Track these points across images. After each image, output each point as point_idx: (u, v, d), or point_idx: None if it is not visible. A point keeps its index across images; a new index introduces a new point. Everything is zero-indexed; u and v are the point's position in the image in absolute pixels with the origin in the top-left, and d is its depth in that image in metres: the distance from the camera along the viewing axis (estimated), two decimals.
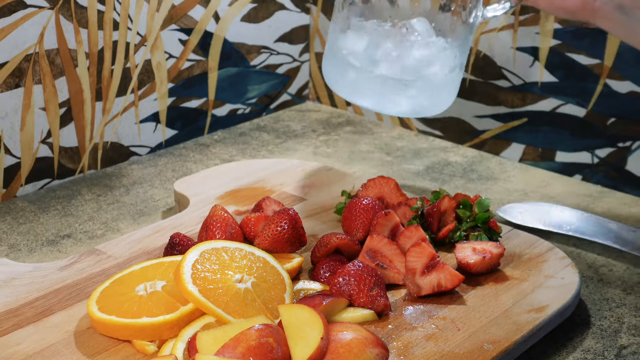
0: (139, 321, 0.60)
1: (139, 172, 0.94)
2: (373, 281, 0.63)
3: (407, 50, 0.70)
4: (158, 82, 0.98)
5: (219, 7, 1.01)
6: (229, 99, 1.06)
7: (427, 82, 0.71)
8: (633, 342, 0.65)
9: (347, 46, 0.72)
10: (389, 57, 0.70)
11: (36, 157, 0.89)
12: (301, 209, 0.79)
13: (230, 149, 1.00)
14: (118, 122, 0.95)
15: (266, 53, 1.08)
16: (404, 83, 0.70)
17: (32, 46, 0.85)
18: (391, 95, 0.71)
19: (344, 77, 0.73)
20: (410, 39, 0.70)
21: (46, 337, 0.62)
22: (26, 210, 0.85)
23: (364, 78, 0.71)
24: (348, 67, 0.72)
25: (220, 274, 0.63)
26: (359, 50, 0.71)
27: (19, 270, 0.69)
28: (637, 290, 0.71)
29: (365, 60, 0.71)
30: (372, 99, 0.72)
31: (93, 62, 0.91)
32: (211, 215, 0.71)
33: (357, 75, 0.72)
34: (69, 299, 0.66)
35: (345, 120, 1.09)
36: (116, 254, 0.72)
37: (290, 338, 0.57)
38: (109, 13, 0.91)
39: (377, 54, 0.71)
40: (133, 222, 0.83)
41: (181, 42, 0.98)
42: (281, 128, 1.07)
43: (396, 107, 0.72)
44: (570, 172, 0.93)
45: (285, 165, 0.89)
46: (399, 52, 0.70)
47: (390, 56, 0.70)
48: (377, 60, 0.71)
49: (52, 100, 0.88)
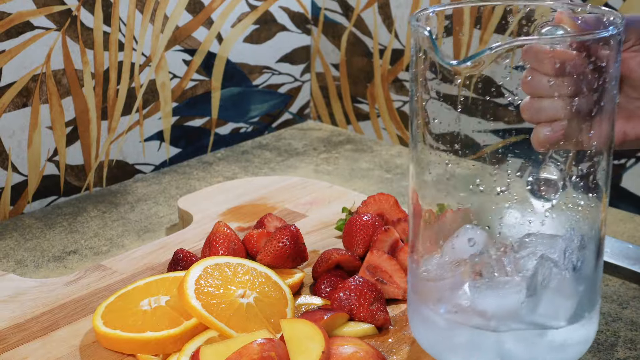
0: (143, 335, 0.61)
1: (143, 189, 0.95)
2: (373, 296, 0.64)
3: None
4: (162, 102, 0.99)
5: (222, 29, 1.03)
6: (231, 118, 1.07)
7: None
8: (629, 356, 0.66)
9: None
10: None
11: (43, 174, 0.90)
12: (302, 225, 0.80)
13: (233, 167, 1.02)
14: (123, 140, 0.96)
15: (268, 73, 1.10)
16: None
17: (39, 67, 0.87)
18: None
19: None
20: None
21: (52, 352, 0.62)
22: (33, 227, 0.86)
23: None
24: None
25: (223, 289, 0.64)
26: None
27: (26, 286, 0.70)
28: (633, 305, 0.72)
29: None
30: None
31: (99, 82, 0.92)
32: (214, 231, 0.72)
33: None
34: (75, 313, 0.67)
35: (345, 138, 1.11)
36: (121, 270, 0.73)
37: (292, 352, 0.58)
38: (114, 34, 0.92)
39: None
40: (138, 239, 0.84)
41: (185, 63, 1.00)
42: (283, 146, 1.08)
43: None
44: None
45: (286, 182, 0.90)
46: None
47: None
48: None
49: (58, 119, 0.90)
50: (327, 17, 1.11)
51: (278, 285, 0.66)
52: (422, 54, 0.53)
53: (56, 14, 0.87)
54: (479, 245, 0.56)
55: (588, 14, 0.56)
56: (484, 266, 0.55)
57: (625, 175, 0.90)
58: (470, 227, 0.57)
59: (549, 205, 0.56)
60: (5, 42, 0.84)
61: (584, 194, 0.56)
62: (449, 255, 0.57)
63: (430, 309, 0.57)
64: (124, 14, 0.93)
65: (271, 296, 0.65)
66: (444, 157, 0.56)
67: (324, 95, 1.14)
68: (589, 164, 0.55)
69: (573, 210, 0.56)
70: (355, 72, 1.10)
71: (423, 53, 0.53)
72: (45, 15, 0.86)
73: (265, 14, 1.07)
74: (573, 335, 0.56)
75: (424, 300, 0.57)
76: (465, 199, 0.57)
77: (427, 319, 0.57)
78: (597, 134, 0.54)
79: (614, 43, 0.52)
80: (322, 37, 1.12)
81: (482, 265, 0.55)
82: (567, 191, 0.56)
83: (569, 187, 0.56)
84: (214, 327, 0.61)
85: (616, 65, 0.54)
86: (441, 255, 0.57)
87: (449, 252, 0.57)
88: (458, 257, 0.57)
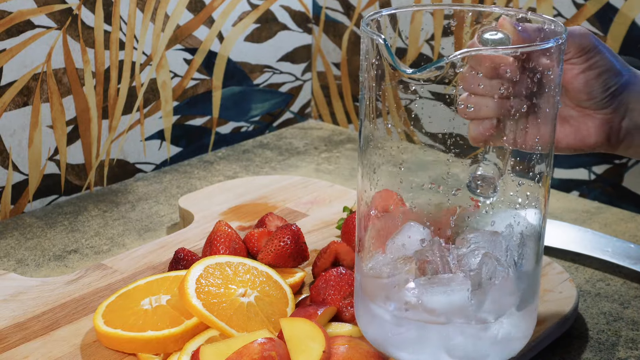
0: (144, 335, 0.61)
1: (144, 188, 0.95)
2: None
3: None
4: (163, 101, 0.99)
5: (223, 28, 1.03)
6: (232, 117, 1.07)
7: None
8: (630, 356, 0.66)
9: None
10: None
11: (43, 174, 0.90)
12: (304, 224, 0.80)
13: (233, 166, 1.02)
14: (124, 139, 0.96)
15: (269, 72, 1.09)
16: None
17: (40, 65, 0.87)
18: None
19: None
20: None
21: (53, 351, 0.62)
22: (34, 226, 0.86)
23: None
24: None
25: (224, 288, 0.64)
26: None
27: (27, 285, 0.70)
28: (634, 304, 0.72)
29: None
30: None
31: (99, 81, 0.92)
32: (215, 230, 0.72)
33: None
34: (75, 313, 0.67)
35: (346, 137, 1.11)
36: (122, 269, 0.73)
37: (293, 352, 0.58)
38: (115, 33, 0.92)
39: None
40: (138, 238, 0.84)
41: (186, 62, 1.00)
42: (284, 145, 1.08)
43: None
44: (568, 189, 0.95)
45: (287, 181, 0.90)
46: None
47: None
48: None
49: (59, 118, 0.90)
50: (328, 16, 1.11)
51: (279, 284, 0.66)
52: (375, 60, 0.55)
53: (57, 12, 0.87)
54: (424, 242, 0.58)
55: (528, 22, 0.57)
56: (428, 263, 0.57)
57: (626, 175, 0.90)
58: (414, 224, 0.59)
59: (488, 202, 0.58)
60: (6, 40, 0.84)
61: (523, 194, 0.57)
62: (394, 252, 0.59)
63: (378, 306, 0.58)
64: (125, 13, 0.93)
65: (272, 295, 0.65)
66: (388, 158, 0.58)
67: (325, 94, 1.14)
68: (528, 164, 0.57)
69: (513, 207, 0.58)
70: (357, 71, 1.10)
71: (376, 59, 0.55)
72: (46, 14, 0.86)
73: (266, 13, 1.07)
74: (515, 329, 0.58)
75: (371, 297, 0.59)
76: (410, 197, 0.59)
77: (376, 315, 0.58)
78: (532, 135, 0.55)
79: (556, 53, 0.54)
80: (323, 36, 1.12)
81: (426, 262, 0.57)
82: (507, 189, 0.58)
83: (509, 185, 0.58)
84: (215, 326, 0.61)
85: (558, 73, 0.55)
86: (386, 253, 0.59)
87: (394, 250, 0.59)
88: (402, 254, 0.59)
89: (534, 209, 0.58)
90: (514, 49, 0.54)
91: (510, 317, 0.58)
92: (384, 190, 0.76)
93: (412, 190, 0.59)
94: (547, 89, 0.55)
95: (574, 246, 0.79)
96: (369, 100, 0.57)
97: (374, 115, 0.58)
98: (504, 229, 0.58)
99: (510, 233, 0.58)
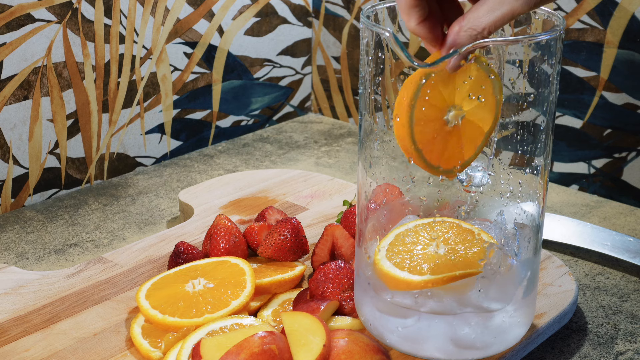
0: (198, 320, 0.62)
1: (144, 182, 0.96)
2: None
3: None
4: (163, 95, 0.99)
5: (223, 21, 1.03)
6: (232, 110, 1.07)
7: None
8: (629, 349, 0.66)
9: None
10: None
11: (44, 167, 0.90)
12: (303, 218, 0.81)
13: (234, 160, 1.02)
14: (124, 133, 0.96)
15: (269, 66, 1.09)
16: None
17: (40, 59, 0.87)
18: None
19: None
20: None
21: (53, 344, 0.63)
22: (34, 220, 0.87)
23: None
24: None
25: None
26: None
27: (27, 278, 0.71)
28: (633, 298, 0.73)
29: None
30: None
31: (100, 74, 0.92)
32: (215, 224, 0.72)
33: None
34: (76, 306, 0.67)
35: (346, 131, 1.11)
36: (122, 262, 0.73)
37: (293, 345, 0.58)
38: (115, 27, 0.92)
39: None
40: (139, 231, 0.85)
41: (186, 55, 1.00)
42: (284, 139, 1.08)
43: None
44: (567, 182, 0.95)
45: (287, 175, 0.91)
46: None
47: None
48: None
49: (59, 112, 0.90)
50: (328, 9, 1.11)
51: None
52: (380, 54, 0.55)
53: (57, 6, 0.87)
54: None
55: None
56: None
57: (626, 169, 0.90)
58: (413, 216, 0.60)
59: (479, 191, 0.59)
60: (6, 34, 0.84)
61: (515, 183, 0.59)
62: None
63: (384, 298, 0.59)
64: (125, 7, 0.93)
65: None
66: (388, 151, 0.59)
67: (325, 88, 1.14)
68: (525, 148, 0.57)
69: (512, 199, 0.59)
70: (357, 64, 1.10)
71: (382, 52, 0.55)
72: (46, 7, 0.86)
73: (266, 7, 1.07)
74: (518, 317, 0.60)
75: (377, 288, 0.59)
76: (410, 190, 0.60)
77: (381, 308, 0.59)
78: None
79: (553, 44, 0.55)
80: (323, 29, 1.12)
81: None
82: (504, 181, 0.59)
83: (505, 176, 0.59)
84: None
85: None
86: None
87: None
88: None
89: (531, 201, 0.58)
90: (528, 38, 0.55)
91: (515, 305, 0.59)
92: (384, 184, 0.77)
93: (412, 183, 0.59)
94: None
95: (573, 240, 0.80)
96: (369, 94, 0.57)
97: (373, 109, 0.58)
98: (498, 217, 0.59)
99: (502, 220, 0.59)
